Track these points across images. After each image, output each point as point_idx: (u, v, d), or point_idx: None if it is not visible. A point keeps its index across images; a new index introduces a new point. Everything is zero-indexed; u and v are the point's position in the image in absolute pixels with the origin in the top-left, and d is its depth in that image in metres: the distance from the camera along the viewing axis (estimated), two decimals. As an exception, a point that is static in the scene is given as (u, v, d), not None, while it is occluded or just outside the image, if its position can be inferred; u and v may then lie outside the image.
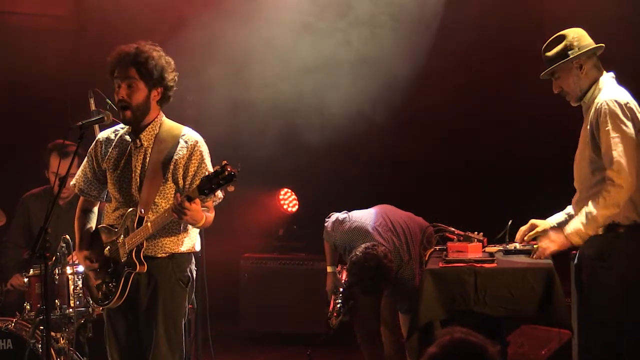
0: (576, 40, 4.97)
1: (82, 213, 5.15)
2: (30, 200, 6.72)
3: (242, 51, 7.27)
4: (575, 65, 4.98)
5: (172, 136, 4.85)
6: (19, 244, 6.68)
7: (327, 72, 7.10)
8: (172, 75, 4.85)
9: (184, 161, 4.81)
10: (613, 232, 4.86)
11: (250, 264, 7.98)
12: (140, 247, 4.76)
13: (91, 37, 7.52)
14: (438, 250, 5.59)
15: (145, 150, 4.86)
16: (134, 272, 4.76)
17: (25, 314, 5.98)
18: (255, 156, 7.48)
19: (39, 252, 4.53)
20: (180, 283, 4.87)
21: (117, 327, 4.96)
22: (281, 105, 7.28)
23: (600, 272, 4.86)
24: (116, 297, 4.81)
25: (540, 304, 4.94)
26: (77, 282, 5.87)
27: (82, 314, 5.89)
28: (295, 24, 7.09)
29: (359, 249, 5.66)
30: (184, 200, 4.55)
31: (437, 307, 5.05)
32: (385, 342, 6.17)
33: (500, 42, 7.06)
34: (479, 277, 4.99)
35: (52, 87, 7.44)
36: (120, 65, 4.77)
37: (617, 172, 4.78)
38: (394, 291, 5.95)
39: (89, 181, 5.05)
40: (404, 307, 5.92)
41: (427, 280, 5.06)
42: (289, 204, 8.40)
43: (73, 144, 5.55)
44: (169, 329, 4.83)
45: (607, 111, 4.83)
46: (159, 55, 4.81)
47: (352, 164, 7.66)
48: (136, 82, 4.76)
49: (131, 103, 4.78)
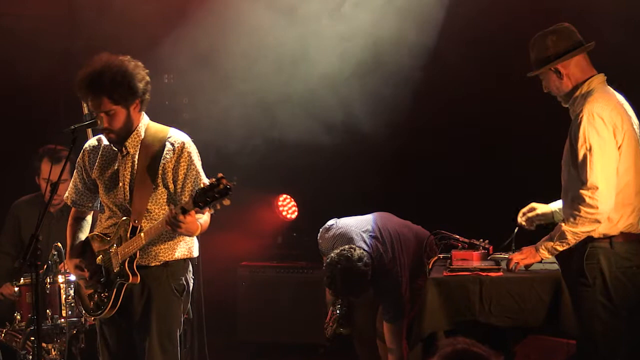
0: (554, 44, 4.94)
1: (74, 221, 5.17)
2: (20, 207, 6.73)
3: (239, 53, 7.27)
4: (553, 71, 4.95)
5: (157, 140, 4.86)
6: (9, 252, 6.68)
7: (326, 75, 7.10)
8: (143, 82, 4.82)
9: (172, 165, 4.82)
10: (591, 243, 4.89)
11: (248, 272, 7.97)
12: (133, 258, 4.77)
13: (84, 39, 7.52)
14: (442, 259, 5.59)
15: (132, 157, 4.87)
16: (127, 282, 4.77)
17: (16, 324, 6.00)
18: (253, 161, 7.49)
19: (29, 260, 4.54)
20: (175, 292, 4.88)
21: (110, 337, 4.97)
22: (280, 110, 7.29)
23: (582, 288, 4.92)
24: (108, 307, 4.82)
25: (547, 314, 4.95)
26: (69, 291, 5.89)
27: (74, 324, 5.90)
28: (296, 27, 7.10)
29: (336, 251, 5.82)
30: (178, 214, 4.54)
31: (441, 317, 5.06)
32: (382, 353, 6.20)
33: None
34: (484, 286, 5.00)
35: (43, 90, 7.44)
36: (90, 97, 4.76)
37: (591, 190, 4.77)
38: (377, 298, 6.02)
39: (80, 192, 5.08)
40: (387, 315, 5.99)
41: (430, 290, 5.07)
42: (288, 210, 8.39)
43: (65, 149, 5.56)
44: (163, 339, 4.83)
45: (587, 123, 4.79)
46: (123, 69, 4.74)
47: (353, 170, 7.66)
48: (113, 108, 4.75)
49: (115, 129, 4.80)
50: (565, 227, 4.86)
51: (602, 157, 4.77)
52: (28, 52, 7.37)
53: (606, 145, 4.78)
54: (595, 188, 4.76)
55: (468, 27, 6.90)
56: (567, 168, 4.99)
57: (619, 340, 4.90)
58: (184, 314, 4.99)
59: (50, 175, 5.91)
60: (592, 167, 4.77)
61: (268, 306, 7.82)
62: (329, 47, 7.04)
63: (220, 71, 7.26)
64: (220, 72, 7.26)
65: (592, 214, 4.78)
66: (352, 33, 7.01)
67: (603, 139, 4.78)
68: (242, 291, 7.96)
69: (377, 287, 5.92)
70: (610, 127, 4.80)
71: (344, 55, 7.10)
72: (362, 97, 7.15)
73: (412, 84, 6.93)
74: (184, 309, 4.97)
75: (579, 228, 4.83)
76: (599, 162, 4.77)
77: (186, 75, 6.85)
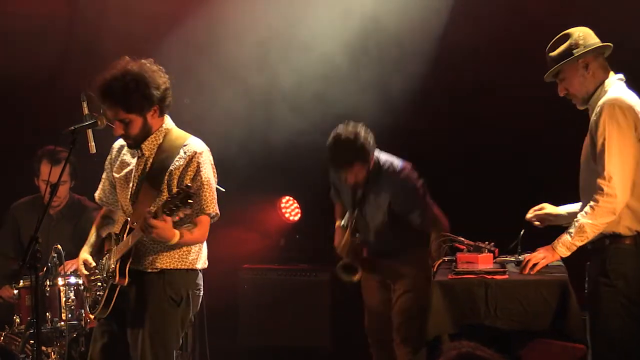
0: (581, 38, 4.91)
1: (100, 218, 5.26)
2: (19, 209, 6.75)
3: (241, 53, 7.29)
4: (581, 65, 4.91)
5: (174, 146, 4.88)
6: (8, 255, 6.70)
7: (331, 76, 7.12)
8: (161, 89, 4.81)
9: (180, 172, 4.83)
10: (615, 244, 4.86)
11: (250, 275, 7.97)
12: (125, 259, 4.79)
13: (84, 38, 7.54)
14: (447, 261, 5.60)
15: (147, 160, 4.90)
16: (114, 282, 4.79)
17: (15, 327, 6.02)
18: (256, 162, 7.50)
19: (29, 262, 4.55)
20: (171, 301, 4.86)
21: (103, 336, 4.97)
22: (282, 110, 7.30)
23: (603, 288, 4.86)
24: (101, 306, 4.85)
25: (554, 318, 4.95)
26: (69, 294, 5.90)
27: (74, 327, 5.91)
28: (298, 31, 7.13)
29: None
30: (148, 217, 4.55)
31: (445, 321, 5.06)
32: (399, 354, 6.17)
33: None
34: (489, 289, 5.00)
35: (42, 90, 7.46)
36: (105, 106, 4.79)
37: (607, 180, 4.76)
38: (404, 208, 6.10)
39: (107, 190, 5.16)
40: (413, 215, 6.08)
41: (435, 293, 5.07)
42: (291, 212, 8.40)
43: (64, 150, 5.55)
44: (156, 348, 4.81)
45: (607, 114, 4.77)
46: (136, 78, 4.74)
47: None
48: (128, 117, 4.78)
49: (131, 135, 4.84)
50: (583, 220, 4.83)
51: (620, 148, 4.75)
52: (27, 52, 7.38)
53: (624, 137, 4.76)
54: (610, 178, 4.74)
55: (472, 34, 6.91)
56: (586, 165, 4.95)
57: (635, 343, 4.88)
58: (183, 325, 4.95)
59: (50, 176, 5.94)
60: (610, 156, 4.75)
61: (270, 309, 7.81)
62: (335, 50, 7.05)
63: (223, 72, 7.28)
64: (223, 73, 7.28)
65: (609, 202, 4.75)
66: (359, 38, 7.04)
67: (622, 130, 4.75)
68: (244, 294, 7.96)
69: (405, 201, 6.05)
70: (630, 120, 4.77)
71: (351, 57, 7.12)
72: (366, 98, 7.16)
73: (416, 83, 6.93)
74: (183, 319, 4.93)
75: (598, 219, 4.79)
76: (616, 152, 4.75)
77: (187, 76, 6.85)
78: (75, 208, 6.70)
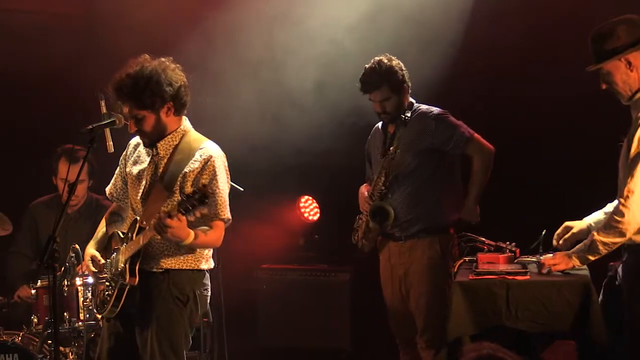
0: (625, 33, 4.69)
1: (109, 214, 5.26)
2: (37, 209, 6.78)
3: (263, 53, 7.30)
4: (624, 63, 4.72)
5: (190, 149, 4.89)
6: (26, 254, 6.74)
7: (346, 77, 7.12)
8: (175, 86, 4.81)
9: (194, 175, 4.83)
10: None
11: (269, 275, 7.97)
12: (135, 259, 4.80)
13: (101, 37, 7.56)
14: (467, 262, 5.59)
15: (161, 160, 4.91)
16: (124, 282, 4.80)
17: (33, 327, 6.04)
18: (275, 162, 7.51)
19: (47, 262, 4.57)
20: (177, 301, 4.86)
21: (111, 337, 4.98)
22: (302, 110, 7.30)
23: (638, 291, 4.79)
24: (109, 306, 4.86)
25: (576, 320, 4.93)
26: (86, 294, 5.92)
27: (92, 327, 5.93)
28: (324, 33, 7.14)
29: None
30: (164, 217, 4.55)
31: (466, 322, 5.06)
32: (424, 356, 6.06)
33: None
34: (511, 290, 4.99)
35: (60, 89, 7.49)
36: (120, 102, 4.84)
37: (624, 197, 4.66)
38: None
39: (118, 187, 5.17)
40: (454, 140, 5.92)
41: (456, 294, 5.07)
42: (310, 212, 8.40)
43: (83, 149, 5.57)
44: (164, 349, 4.82)
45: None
46: (148, 75, 4.75)
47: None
48: (140, 114, 4.80)
49: (145, 132, 4.87)
50: (597, 237, 4.79)
51: None
52: (44, 50, 7.42)
53: None
54: (630, 195, 4.63)
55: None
56: (622, 171, 4.79)
57: None
58: (192, 325, 4.95)
59: (68, 175, 5.95)
60: (637, 174, 4.63)
61: (289, 310, 7.80)
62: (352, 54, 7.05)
63: (242, 71, 7.29)
64: (242, 72, 7.29)
65: (619, 222, 4.70)
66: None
67: None
68: (263, 294, 7.96)
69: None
70: None
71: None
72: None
73: (435, 84, 6.91)
74: (191, 319, 4.93)
75: (609, 238, 4.74)
76: None
77: (207, 75, 6.87)
78: (93, 207, 6.73)
